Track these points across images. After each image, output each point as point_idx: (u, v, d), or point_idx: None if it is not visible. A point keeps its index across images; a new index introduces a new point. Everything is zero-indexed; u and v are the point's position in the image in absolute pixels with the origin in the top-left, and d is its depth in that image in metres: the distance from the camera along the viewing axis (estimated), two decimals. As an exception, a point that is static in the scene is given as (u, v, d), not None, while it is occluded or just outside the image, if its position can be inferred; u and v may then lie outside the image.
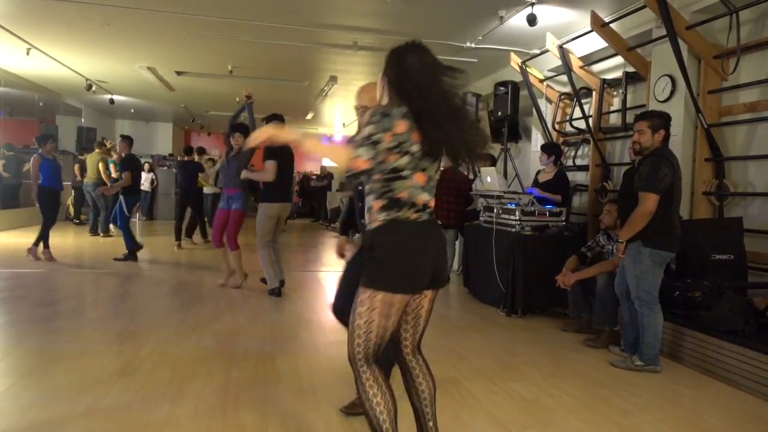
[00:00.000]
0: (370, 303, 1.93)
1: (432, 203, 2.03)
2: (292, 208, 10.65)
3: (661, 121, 3.54)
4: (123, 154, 7.51)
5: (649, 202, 3.38)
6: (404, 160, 1.90)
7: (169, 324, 4.30)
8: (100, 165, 9.77)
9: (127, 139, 7.60)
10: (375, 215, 1.95)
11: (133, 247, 7.31)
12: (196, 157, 9.72)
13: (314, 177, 17.05)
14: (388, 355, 2.21)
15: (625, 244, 3.50)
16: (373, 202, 1.95)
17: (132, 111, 14.37)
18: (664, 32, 4.50)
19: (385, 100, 2.02)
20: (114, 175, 9.37)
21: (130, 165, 7.38)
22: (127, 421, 2.57)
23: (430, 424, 2.16)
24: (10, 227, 10.57)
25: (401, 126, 1.88)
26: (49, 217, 7.15)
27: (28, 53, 7.81)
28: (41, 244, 7.10)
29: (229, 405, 2.80)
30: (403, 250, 1.92)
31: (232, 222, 5.54)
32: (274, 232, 5.42)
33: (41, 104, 12.11)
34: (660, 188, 3.38)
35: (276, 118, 5.38)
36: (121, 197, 7.26)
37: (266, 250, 5.33)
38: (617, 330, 4.13)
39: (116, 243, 7.73)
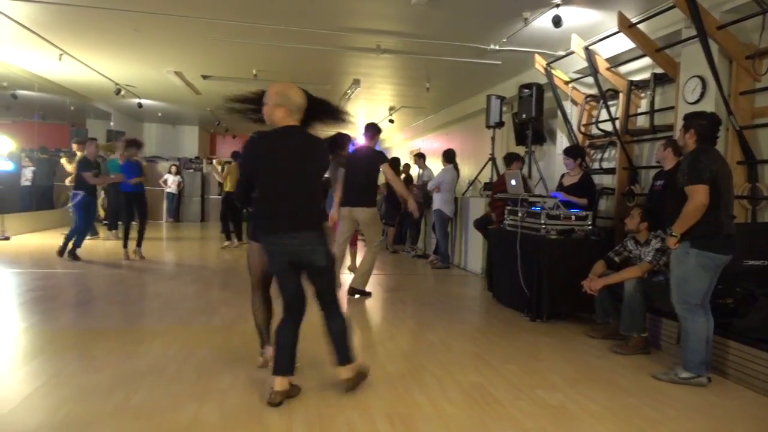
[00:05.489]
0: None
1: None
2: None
3: (691, 121, 3.45)
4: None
5: (698, 194, 3.25)
6: None
7: (195, 324, 4.37)
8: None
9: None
10: None
11: (67, 243, 7.33)
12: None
13: None
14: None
15: (678, 237, 3.35)
16: None
17: (159, 114, 14.65)
18: (693, 32, 4.42)
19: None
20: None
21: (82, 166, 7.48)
22: (154, 419, 2.62)
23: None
24: (43, 228, 10.87)
25: None
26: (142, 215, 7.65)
27: (60, 59, 8.02)
28: (131, 244, 7.58)
29: (254, 405, 2.83)
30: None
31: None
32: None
33: (72, 108, 12.42)
34: (705, 177, 3.24)
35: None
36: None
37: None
38: (645, 336, 4.05)
39: (147, 245, 7.86)
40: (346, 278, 6.27)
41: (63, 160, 10.03)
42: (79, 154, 8.60)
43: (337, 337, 3.00)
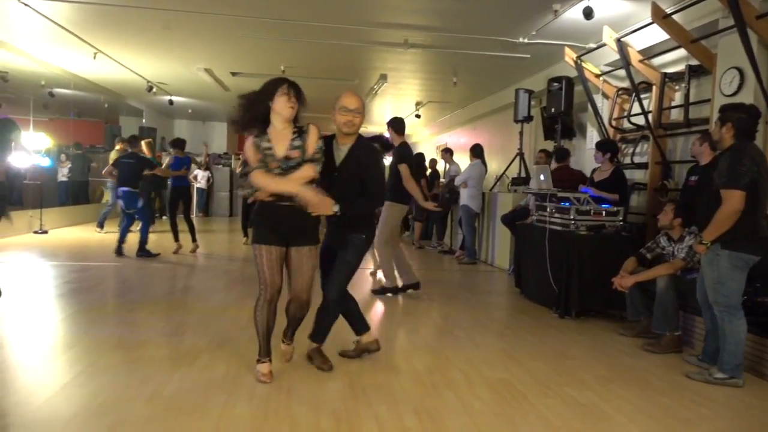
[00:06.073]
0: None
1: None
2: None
3: (729, 114, 3.30)
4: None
5: (733, 199, 3.14)
6: None
7: (225, 317, 4.45)
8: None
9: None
10: None
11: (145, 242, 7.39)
12: None
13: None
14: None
15: (709, 245, 3.26)
16: None
17: (189, 111, 14.90)
18: (731, 22, 4.28)
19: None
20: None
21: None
22: (186, 409, 2.67)
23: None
24: (79, 222, 11.19)
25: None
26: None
27: (95, 57, 8.23)
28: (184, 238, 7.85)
29: (282, 398, 2.87)
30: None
31: None
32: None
33: (106, 106, 12.74)
34: (743, 183, 3.12)
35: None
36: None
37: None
38: (678, 335, 3.95)
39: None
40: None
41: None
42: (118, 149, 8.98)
43: (354, 312, 3.47)
